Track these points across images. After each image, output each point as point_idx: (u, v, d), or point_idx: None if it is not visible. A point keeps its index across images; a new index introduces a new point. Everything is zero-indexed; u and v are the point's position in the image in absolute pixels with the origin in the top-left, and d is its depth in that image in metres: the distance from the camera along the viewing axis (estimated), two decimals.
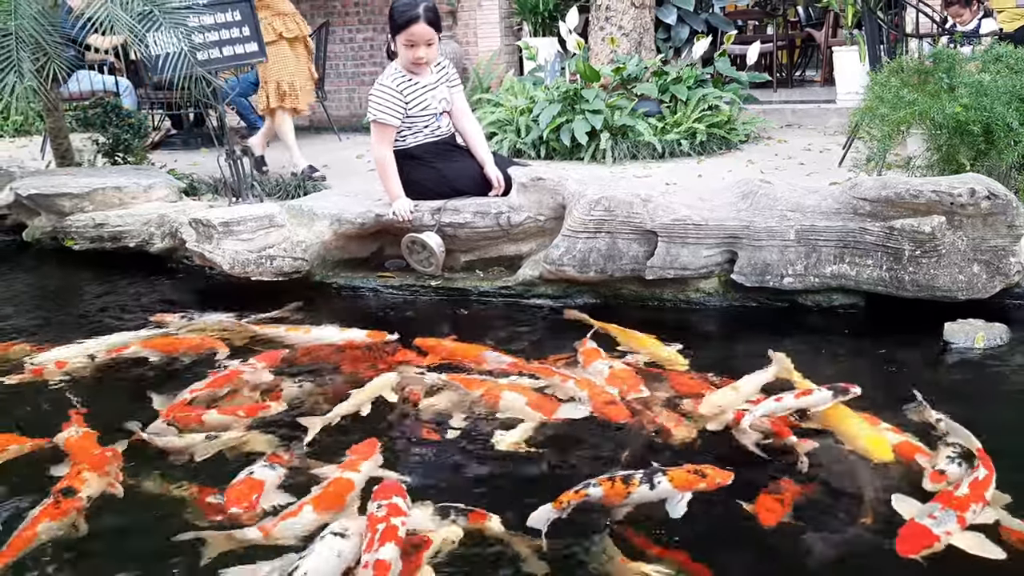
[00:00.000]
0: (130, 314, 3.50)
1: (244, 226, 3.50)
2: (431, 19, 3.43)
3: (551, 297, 3.41)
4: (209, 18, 4.83)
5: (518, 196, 3.47)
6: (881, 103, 3.44)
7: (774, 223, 3.12)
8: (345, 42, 8.55)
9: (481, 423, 2.37)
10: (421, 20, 3.40)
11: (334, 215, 3.64)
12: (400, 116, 3.51)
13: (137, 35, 4.37)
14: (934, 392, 2.39)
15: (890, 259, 3.00)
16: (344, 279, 3.67)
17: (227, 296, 3.73)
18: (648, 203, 3.23)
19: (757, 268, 3.13)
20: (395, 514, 1.81)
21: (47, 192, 4.37)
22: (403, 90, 3.51)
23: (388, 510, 1.82)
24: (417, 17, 3.40)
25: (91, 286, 4.03)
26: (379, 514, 1.81)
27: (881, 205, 3.03)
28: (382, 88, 3.50)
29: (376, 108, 3.49)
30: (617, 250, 3.24)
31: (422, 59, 3.49)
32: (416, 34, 3.42)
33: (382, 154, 3.54)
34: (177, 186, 4.69)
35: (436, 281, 3.54)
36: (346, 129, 7.80)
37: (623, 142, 5.81)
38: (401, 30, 3.43)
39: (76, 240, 4.30)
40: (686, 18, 7.21)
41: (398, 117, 3.50)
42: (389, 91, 3.49)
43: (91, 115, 5.60)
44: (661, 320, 3.26)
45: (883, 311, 3.07)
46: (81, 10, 5.19)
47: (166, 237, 4.02)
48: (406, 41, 3.45)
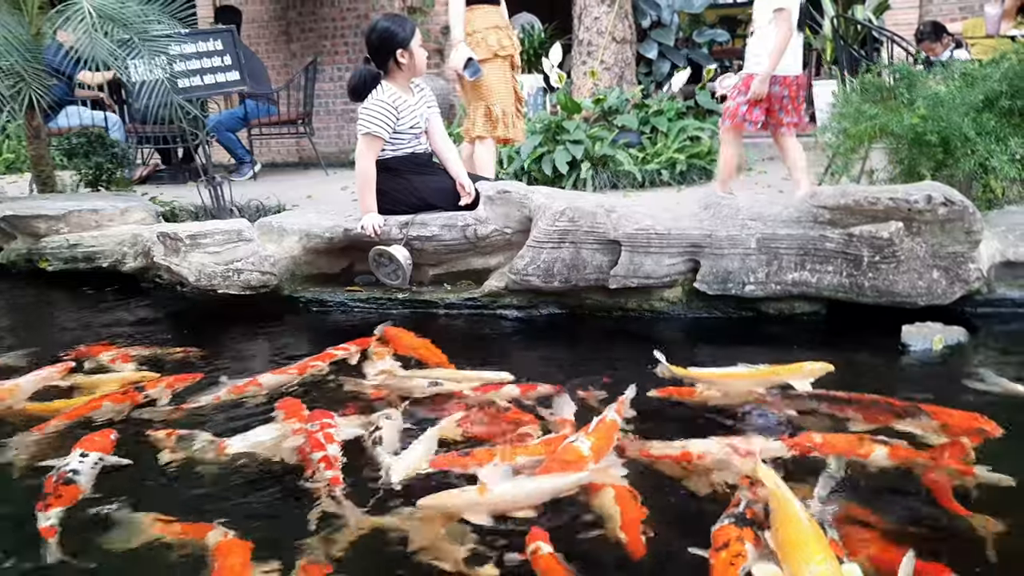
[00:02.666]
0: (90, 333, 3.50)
1: (211, 239, 3.52)
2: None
3: (517, 307, 3.41)
4: (190, 47, 4.94)
5: (485, 209, 3.49)
6: (843, 118, 3.49)
7: (735, 231, 3.14)
8: (334, 80, 8.68)
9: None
10: (417, 28, 3.73)
11: (303, 230, 3.67)
12: (390, 131, 3.60)
13: (118, 61, 4.45)
14: (889, 392, 2.38)
15: (850, 265, 3.01)
16: (312, 293, 3.68)
17: (196, 313, 3.74)
18: (612, 213, 3.25)
19: (719, 276, 3.14)
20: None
21: (23, 214, 4.40)
22: (397, 106, 3.61)
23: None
24: (415, 26, 3.73)
25: (60, 306, 4.04)
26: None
27: (840, 213, 3.05)
28: (378, 103, 3.59)
29: (370, 121, 3.57)
30: (581, 260, 3.25)
31: (424, 67, 3.74)
32: (418, 40, 3.69)
33: (366, 167, 3.61)
34: (155, 210, 4.72)
35: (403, 294, 3.54)
36: (333, 164, 7.87)
37: (603, 172, 5.87)
38: (411, 38, 3.65)
39: (50, 261, 4.31)
40: (667, 53, 7.34)
41: (388, 131, 3.61)
42: (385, 106, 3.58)
43: (75, 144, 5.67)
44: (625, 330, 3.26)
45: (845, 318, 3.07)
46: (71, 45, 5.31)
47: (139, 256, 4.03)
48: (414, 52, 3.66)
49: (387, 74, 3.66)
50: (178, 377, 2.78)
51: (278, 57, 9.17)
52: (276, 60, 9.13)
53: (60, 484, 2.08)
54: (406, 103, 3.67)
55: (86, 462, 2.19)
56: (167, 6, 4.75)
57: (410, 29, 3.68)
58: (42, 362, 3.02)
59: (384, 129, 3.58)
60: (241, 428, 2.38)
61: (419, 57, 3.69)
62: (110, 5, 4.51)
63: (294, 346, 3.27)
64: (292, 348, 3.22)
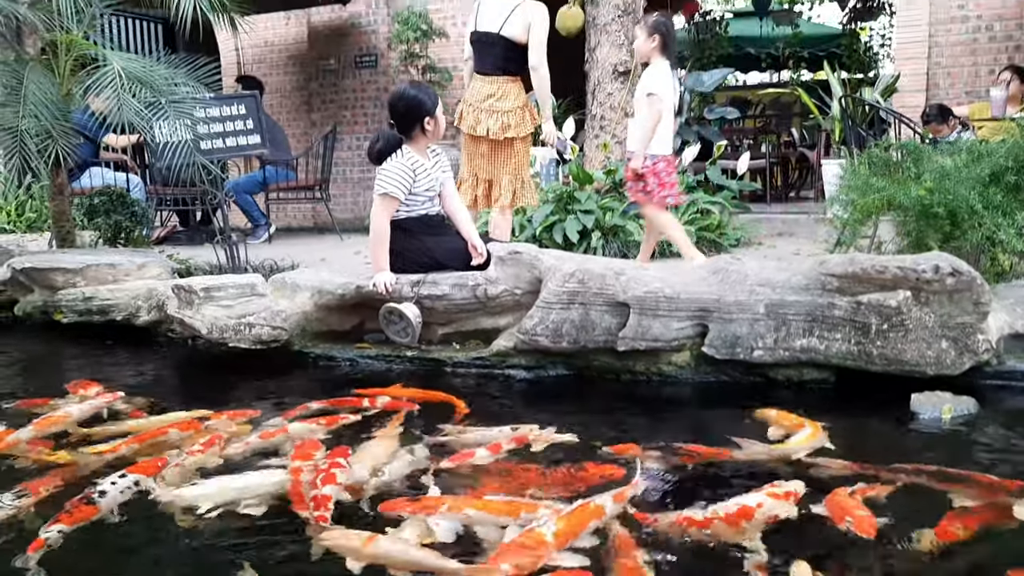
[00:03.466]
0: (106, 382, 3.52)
1: (225, 292, 3.56)
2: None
3: (525, 368, 3.42)
4: (215, 110, 5.09)
5: (496, 269, 3.53)
6: (851, 190, 3.54)
7: (744, 297, 3.16)
8: (352, 149, 8.89)
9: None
10: (439, 101, 3.86)
11: (315, 286, 3.71)
12: (406, 192, 3.70)
13: (145, 122, 4.59)
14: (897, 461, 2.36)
15: (858, 333, 3.01)
16: (322, 349, 3.71)
17: (205, 366, 3.77)
18: (621, 276, 3.29)
19: (727, 341, 3.14)
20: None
21: (41, 266, 4.47)
22: (415, 170, 3.71)
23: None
24: (436, 99, 3.85)
25: (72, 357, 4.07)
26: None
27: (848, 281, 3.07)
28: (398, 166, 3.70)
29: (388, 182, 3.67)
30: (590, 321, 3.27)
31: (441, 131, 3.90)
32: (441, 111, 3.84)
33: (381, 226, 3.69)
34: (171, 266, 4.79)
35: (412, 352, 3.56)
36: (348, 230, 7.99)
37: (614, 241, 5.93)
38: (435, 108, 3.79)
39: (65, 313, 4.36)
40: (678, 129, 7.48)
41: (405, 193, 3.70)
42: (404, 169, 3.69)
43: (96, 203, 5.80)
44: (634, 394, 3.26)
45: (854, 385, 3.05)
46: (100, 109, 5.49)
47: (152, 310, 4.08)
48: (436, 121, 3.81)
49: (409, 139, 3.77)
50: (238, 412, 2.87)
51: (299, 125, 9.43)
52: (297, 128, 9.38)
53: (79, 502, 2.12)
54: (423, 167, 3.77)
55: (117, 485, 2.23)
56: (194, 71, 4.93)
57: (435, 98, 3.83)
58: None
59: (401, 190, 3.67)
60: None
61: (441, 124, 3.85)
62: (139, 68, 4.68)
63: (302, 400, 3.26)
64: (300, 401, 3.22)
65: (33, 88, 4.65)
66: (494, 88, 4.46)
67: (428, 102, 3.78)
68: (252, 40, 9.50)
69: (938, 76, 6.95)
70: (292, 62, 9.52)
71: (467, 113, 4.54)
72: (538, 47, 4.38)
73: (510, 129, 4.46)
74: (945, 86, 6.95)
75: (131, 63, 4.69)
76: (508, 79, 4.46)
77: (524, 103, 4.50)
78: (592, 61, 6.68)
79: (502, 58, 4.45)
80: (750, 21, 14.20)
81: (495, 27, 4.41)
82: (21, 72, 4.83)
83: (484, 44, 4.47)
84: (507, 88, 4.47)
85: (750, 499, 2.06)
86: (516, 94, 4.48)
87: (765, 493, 2.10)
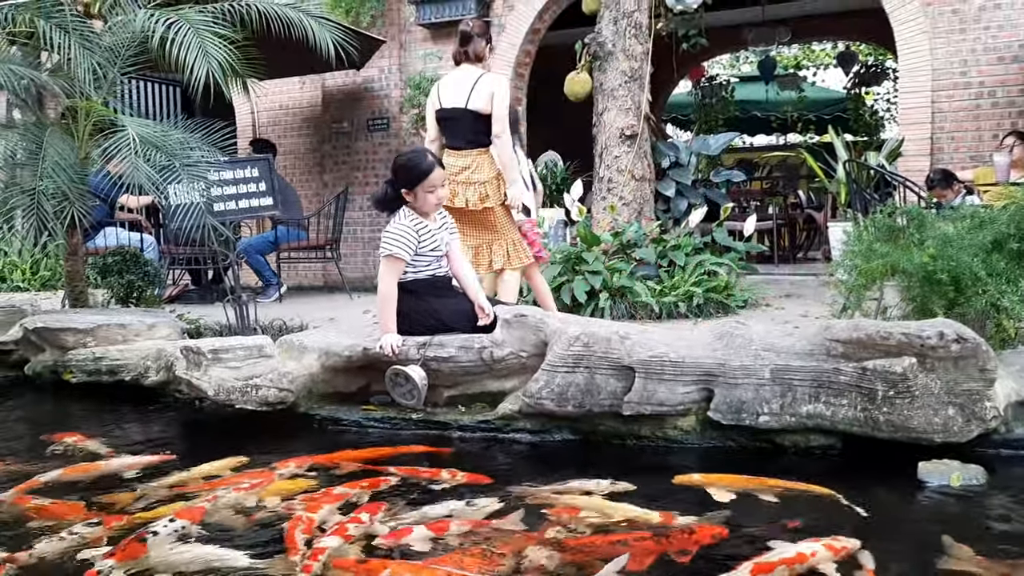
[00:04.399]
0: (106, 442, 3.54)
1: (232, 354, 3.59)
2: (439, 163, 3.84)
3: (530, 431, 3.41)
4: (228, 173, 5.19)
5: (502, 332, 3.55)
6: (855, 255, 3.57)
7: (749, 361, 3.16)
8: (363, 209, 9.00)
9: None
10: (436, 166, 3.78)
11: (323, 348, 3.73)
12: (411, 253, 3.72)
13: (157, 186, 4.68)
14: (904, 530, 2.34)
15: (864, 399, 3.00)
16: (328, 411, 3.71)
17: (213, 428, 3.78)
18: (626, 340, 3.30)
19: (733, 406, 3.14)
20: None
21: (52, 326, 4.52)
22: (418, 230, 3.74)
23: None
24: (432, 166, 3.75)
25: (79, 417, 4.09)
26: None
27: (853, 346, 3.08)
28: (400, 227, 3.72)
29: (392, 243, 3.69)
30: (595, 385, 3.27)
31: (441, 199, 3.84)
32: (434, 179, 3.75)
33: (387, 288, 3.70)
34: (181, 327, 4.83)
35: (417, 415, 3.56)
36: (358, 289, 8.05)
37: (621, 302, 5.95)
38: (421, 180, 3.72)
39: (74, 373, 4.39)
40: (685, 192, 7.57)
41: (409, 254, 3.72)
42: (407, 229, 3.72)
43: (110, 262, 5.88)
44: (639, 459, 3.24)
45: (861, 452, 3.03)
46: (116, 172, 5.61)
47: (161, 370, 4.10)
48: (427, 188, 3.75)
49: (408, 200, 3.80)
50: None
51: (311, 186, 9.58)
52: (309, 188, 9.53)
53: (131, 541, 2.29)
54: (427, 228, 3.80)
55: (168, 527, 2.38)
56: (209, 135, 5.04)
57: (422, 171, 3.71)
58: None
59: (405, 251, 3.70)
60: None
61: (424, 200, 3.75)
62: (154, 133, 4.80)
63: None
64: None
65: (52, 151, 4.77)
66: (468, 161, 4.53)
67: (413, 172, 3.72)
68: (267, 103, 9.73)
69: (942, 141, 7.03)
70: (306, 125, 9.71)
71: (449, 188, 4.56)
72: (501, 117, 4.48)
73: (488, 199, 4.54)
74: (949, 151, 7.01)
75: (146, 128, 4.81)
76: (480, 151, 4.55)
77: (498, 173, 4.58)
78: (600, 125, 6.80)
79: (471, 131, 4.53)
80: (756, 85, 14.44)
81: (461, 102, 4.50)
82: (41, 136, 4.96)
83: (453, 120, 4.56)
84: (480, 160, 4.55)
85: (806, 547, 2.20)
86: (489, 165, 4.57)
87: (822, 544, 2.22)
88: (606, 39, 6.68)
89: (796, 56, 18.26)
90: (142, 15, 5.05)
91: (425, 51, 8.68)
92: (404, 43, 8.98)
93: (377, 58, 8.75)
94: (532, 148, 8.82)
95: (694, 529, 2.39)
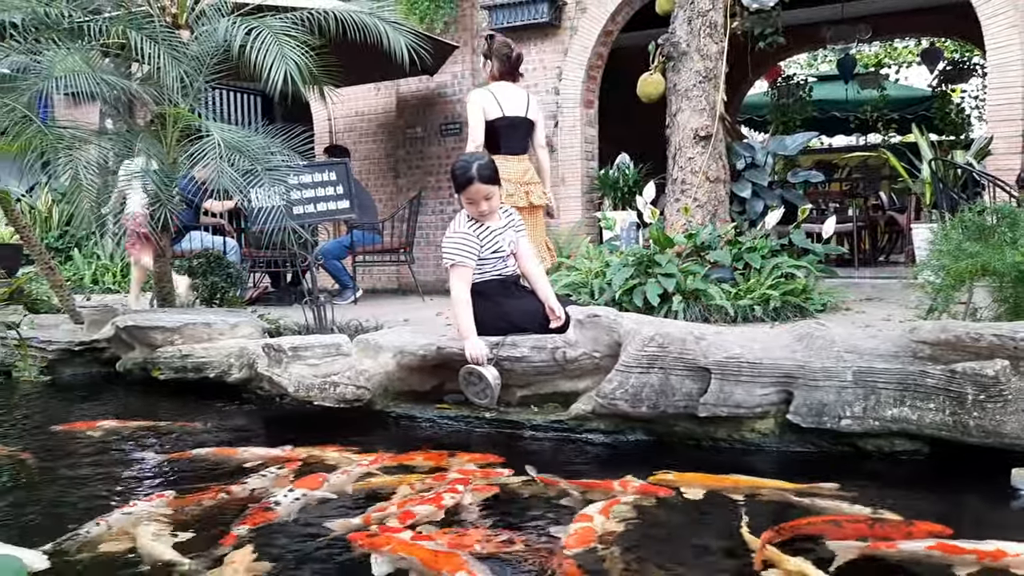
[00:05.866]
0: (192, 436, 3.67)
1: (311, 352, 3.67)
2: (485, 177, 3.73)
3: (604, 432, 3.39)
4: (307, 177, 5.31)
5: (575, 333, 3.54)
6: (942, 255, 3.44)
7: (830, 363, 3.08)
8: (436, 213, 9.11)
9: None
10: (476, 181, 3.71)
11: (398, 347, 3.79)
12: (475, 257, 3.73)
13: (240, 189, 4.83)
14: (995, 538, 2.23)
15: (953, 403, 2.89)
16: (403, 409, 3.76)
17: (292, 424, 3.87)
18: (701, 340, 3.25)
19: (813, 409, 3.06)
20: None
21: (143, 325, 4.70)
22: (477, 234, 3.75)
23: None
24: (472, 179, 3.71)
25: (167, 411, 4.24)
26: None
27: (941, 348, 2.97)
28: (458, 234, 3.75)
29: (454, 252, 3.72)
30: (670, 386, 3.23)
31: (484, 212, 3.78)
32: (473, 192, 3.73)
33: (458, 295, 3.69)
34: (262, 326, 4.97)
35: (490, 414, 3.58)
36: (430, 292, 8.15)
37: (695, 305, 5.87)
38: (461, 190, 3.76)
39: (162, 370, 4.56)
40: (761, 193, 7.41)
41: (474, 258, 3.73)
42: (464, 236, 3.74)
43: (195, 264, 6.09)
44: (715, 461, 3.18)
45: (950, 457, 2.92)
46: (202, 177, 5.82)
47: (243, 368, 4.23)
48: (467, 199, 3.77)
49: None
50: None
51: (386, 190, 9.74)
52: (384, 193, 9.69)
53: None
54: (487, 229, 3.79)
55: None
56: (288, 140, 5.18)
57: (461, 182, 3.71)
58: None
59: (468, 258, 3.70)
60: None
61: (466, 209, 3.78)
62: (237, 138, 4.95)
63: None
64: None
65: (142, 158, 4.96)
66: (527, 165, 5.09)
67: (457, 180, 3.75)
68: (344, 110, 9.94)
69: None
70: (381, 130, 9.89)
71: (512, 190, 4.97)
72: (544, 128, 5.14)
73: (542, 197, 5.15)
74: None
75: (230, 133, 4.97)
76: (528, 157, 5.11)
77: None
78: (673, 126, 6.72)
79: (525, 139, 5.11)
80: (835, 84, 14.09)
81: (522, 112, 5.04)
82: (132, 142, 5.18)
83: (514, 128, 5.04)
84: (530, 165, 5.11)
85: (1012, 547, 2.14)
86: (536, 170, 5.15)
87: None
88: (680, 39, 6.61)
89: (877, 54, 17.76)
90: (225, 23, 5.23)
91: None
92: (476, 48, 9.06)
93: (450, 63, 8.85)
94: (604, 150, 8.81)
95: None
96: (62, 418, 4.01)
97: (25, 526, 2.57)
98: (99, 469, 3.17)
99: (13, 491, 2.99)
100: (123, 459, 3.37)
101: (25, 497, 2.91)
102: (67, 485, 2.99)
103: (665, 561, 2.22)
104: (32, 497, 2.91)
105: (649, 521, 2.50)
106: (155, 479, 3.09)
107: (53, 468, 3.22)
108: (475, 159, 3.79)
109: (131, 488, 2.96)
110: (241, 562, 2.18)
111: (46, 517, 2.67)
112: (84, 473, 3.12)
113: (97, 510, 2.63)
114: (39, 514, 2.71)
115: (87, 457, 3.33)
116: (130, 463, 3.32)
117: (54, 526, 2.50)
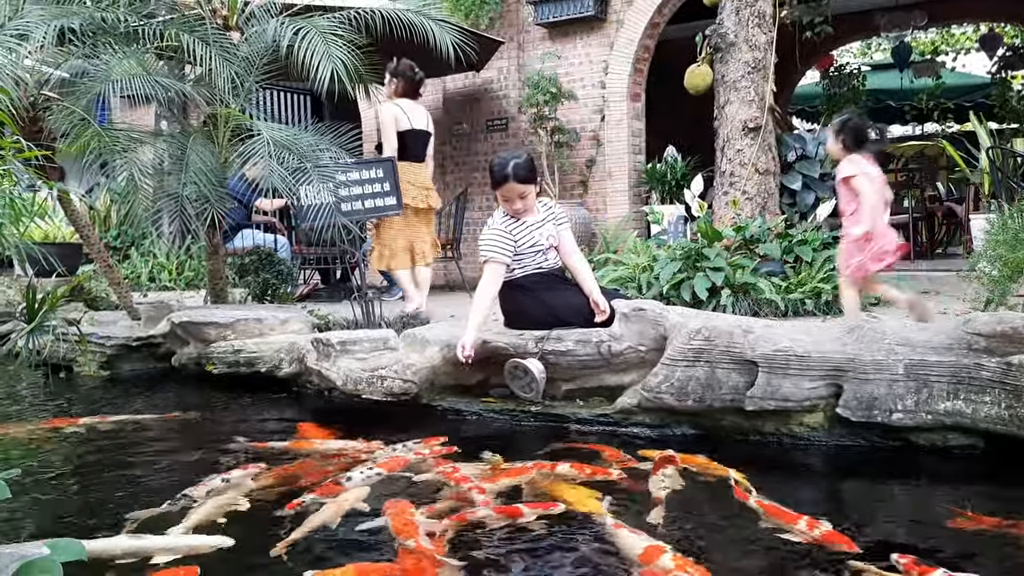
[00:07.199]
0: (244, 428, 3.74)
1: (359, 346, 3.73)
2: (521, 176, 3.73)
3: (649, 426, 3.38)
4: (355, 174, 5.38)
5: (620, 326, 3.53)
6: (999, 245, 3.35)
7: (881, 356, 3.02)
8: (483, 209, 9.14)
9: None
10: (511, 180, 3.73)
11: (444, 341, 3.82)
12: (510, 254, 3.75)
13: (290, 187, 4.91)
14: None
15: (1009, 396, 2.81)
16: (449, 403, 3.80)
17: (342, 417, 3.92)
18: (749, 333, 3.22)
19: (863, 402, 3.00)
20: None
21: (197, 320, 4.81)
22: (512, 230, 3.77)
23: None
24: (507, 177, 3.73)
25: (221, 405, 4.34)
26: None
27: (997, 340, 2.89)
28: (494, 231, 3.77)
29: (489, 249, 3.74)
30: (716, 379, 3.21)
31: (519, 210, 3.79)
32: (508, 190, 3.75)
33: (483, 289, 3.73)
34: (311, 322, 5.05)
35: (536, 407, 3.59)
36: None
37: (744, 299, 5.80)
38: (497, 187, 3.79)
39: (216, 364, 4.67)
40: (812, 185, 7.30)
41: (509, 255, 3.75)
42: (499, 233, 3.76)
43: (247, 262, 6.21)
44: (763, 455, 3.15)
45: (1006, 452, 2.84)
46: (252, 176, 5.94)
47: (293, 362, 4.31)
48: (502, 197, 3.79)
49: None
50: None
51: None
52: None
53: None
54: (524, 225, 3.80)
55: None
56: (337, 138, 5.25)
57: (497, 180, 3.73)
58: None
59: (502, 254, 3.72)
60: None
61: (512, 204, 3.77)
62: (286, 136, 5.03)
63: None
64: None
65: (195, 157, 5.08)
66: (427, 172, 6.01)
67: (492, 177, 3.78)
68: None
69: None
70: None
71: (415, 193, 5.76)
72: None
73: (437, 201, 6.10)
74: None
75: (279, 132, 5.06)
76: (424, 166, 6.01)
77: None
78: (722, 118, 6.64)
79: (424, 149, 5.99)
80: (889, 73, 13.75)
81: (423, 125, 5.96)
82: (185, 143, 5.30)
83: (417, 138, 5.88)
84: (429, 171, 6.06)
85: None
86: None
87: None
88: (728, 30, 6.53)
89: (933, 40, 17.29)
90: (273, 23, 5.32)
91: (544, 52, 8.72)
92: (522, 43, 9.06)
93: (496, 59, 8.86)
94: (650, 144, 8.74)
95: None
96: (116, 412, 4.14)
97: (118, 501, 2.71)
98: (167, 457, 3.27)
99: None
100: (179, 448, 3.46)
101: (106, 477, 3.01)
102: (145, 469, 3.09)
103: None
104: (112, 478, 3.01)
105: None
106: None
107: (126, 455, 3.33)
108: (512, 157, 3.79)
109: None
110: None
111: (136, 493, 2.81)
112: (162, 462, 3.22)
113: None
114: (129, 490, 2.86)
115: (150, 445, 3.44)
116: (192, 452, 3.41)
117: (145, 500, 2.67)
